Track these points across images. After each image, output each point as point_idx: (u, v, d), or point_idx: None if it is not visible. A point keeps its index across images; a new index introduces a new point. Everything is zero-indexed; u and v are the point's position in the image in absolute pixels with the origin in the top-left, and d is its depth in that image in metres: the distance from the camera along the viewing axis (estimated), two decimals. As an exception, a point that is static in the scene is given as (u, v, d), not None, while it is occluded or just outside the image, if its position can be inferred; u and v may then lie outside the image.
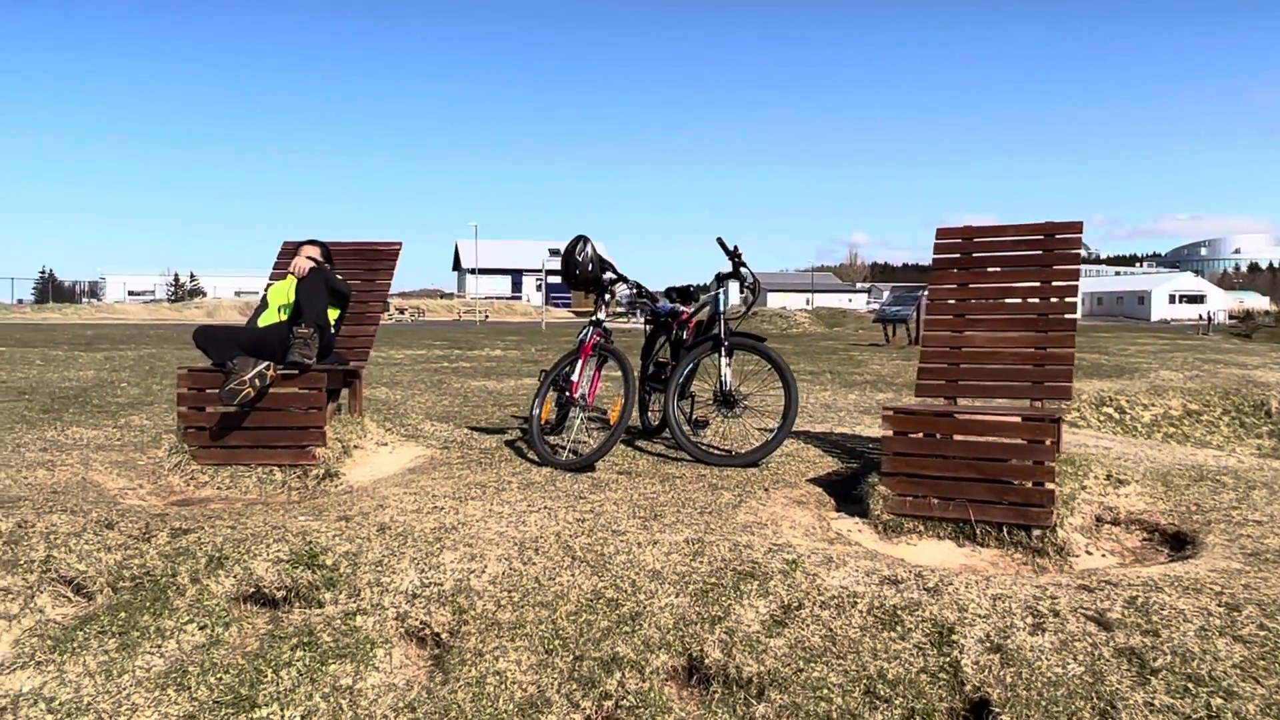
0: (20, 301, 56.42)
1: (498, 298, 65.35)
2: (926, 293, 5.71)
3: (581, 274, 5.26)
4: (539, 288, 73.00)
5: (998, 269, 5.11)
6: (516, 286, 74.59)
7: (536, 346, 16.71)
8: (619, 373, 5.18)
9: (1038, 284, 4.95)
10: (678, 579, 3.53)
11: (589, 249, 5.27)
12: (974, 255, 5.18)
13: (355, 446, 5.16)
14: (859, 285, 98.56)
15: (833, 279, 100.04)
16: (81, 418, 6.34)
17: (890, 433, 4.42)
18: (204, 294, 73.66)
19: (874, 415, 7.50)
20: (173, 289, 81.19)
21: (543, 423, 5.26)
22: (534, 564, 3.67)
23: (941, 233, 5.31)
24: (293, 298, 5.24)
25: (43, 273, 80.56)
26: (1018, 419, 4.26)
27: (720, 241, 5.33)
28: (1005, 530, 4.19)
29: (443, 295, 68.83)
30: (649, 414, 5.98)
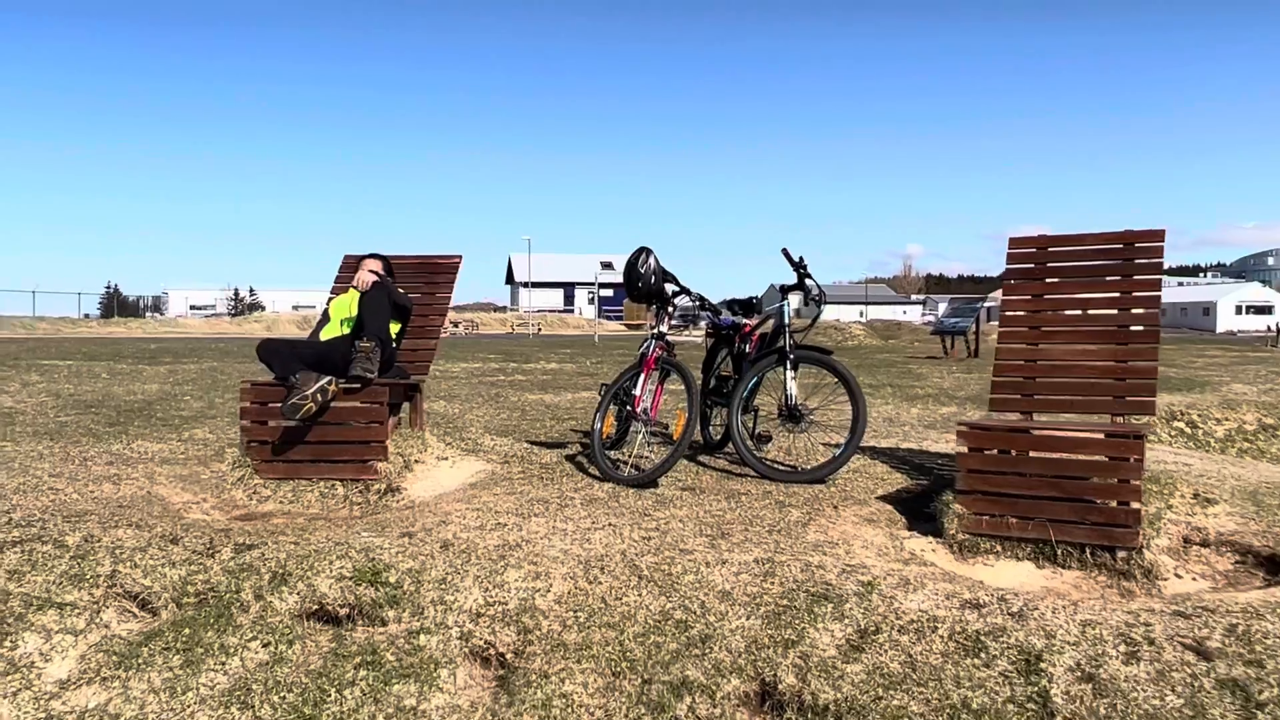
0: (87, 316, 57.80)
1: (550, 311, 65.64)
2: (987, 304, 5.54)
3: (644, 286, 5.17)
4: (591, 300, 73.33)
5: (1075, 279, 4.93)
6: (569, 299, 74.93)
7: (591, 359, 16.68)
8: (681, 386, 5.09)
9: (1117, 294, 4.77)
10: (748, 600, 3.42)
11: (651, 261, 5.18)
12: (1049, 265, 5.02)
13: (416, 461, 5.12)
14: (914, 297, 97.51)
15: (887, 291, 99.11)
16: (146, 431, 6.39)
17: (965, 449, 4.27)
18: (262, 308, 75.00)
19: (939, 430, 7.32)
20: (232, 303, 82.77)
21: (604, 437, 5.18)
22: (600, 583, 3.58)
23: (1014, 242, 5.15)
24: (355, 311, 5.23)
25: (108, 288, 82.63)
26: (1100, 435, 4.09)
27: (785, 252, 5.22)
28: (1088, 551, 4.01)
29: (496, 308, 69.32)
30: (710, 428, 5.88)
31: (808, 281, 5.31)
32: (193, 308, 78.92)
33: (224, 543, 3.88)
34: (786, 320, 5.26)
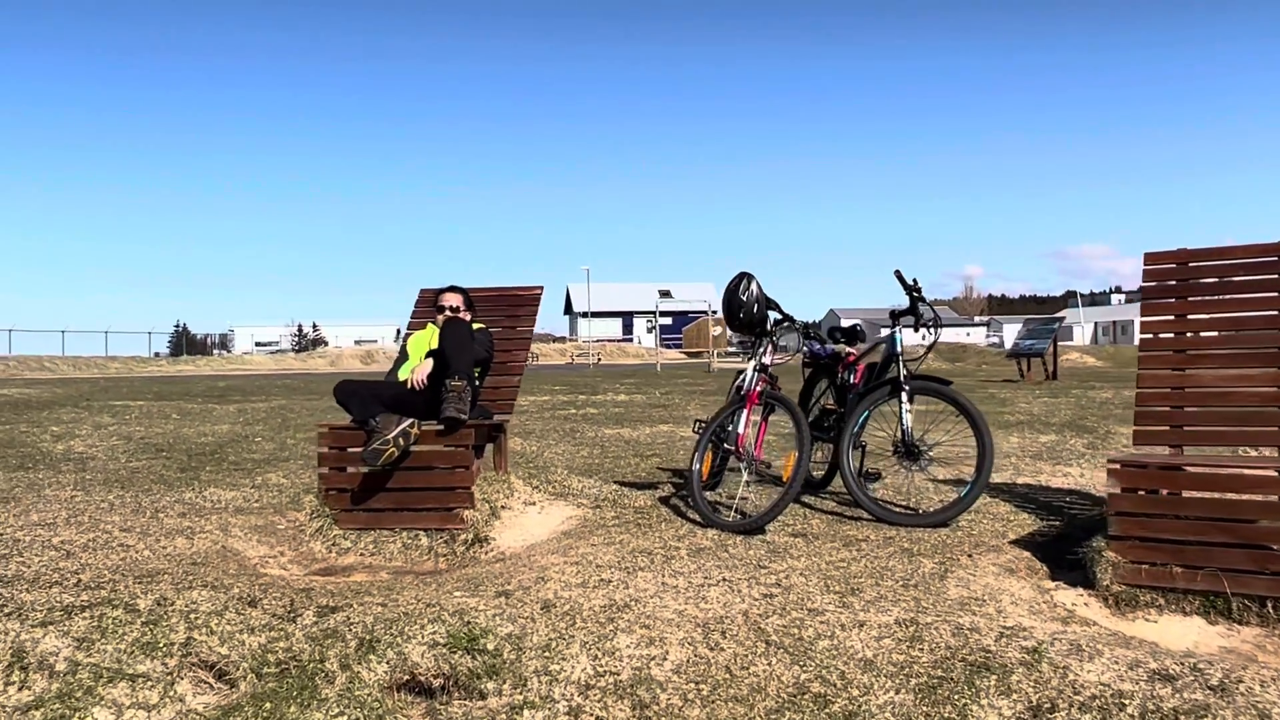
0: (157, 354, 59.01)
1: (609, 340, 65.53)
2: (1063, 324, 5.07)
3: (746, 315, 4.80)
4: (650, 329, 73.06)
5: (1224, 296, 4.46)
6: (627, 329, 74.78)
7: (659, 390, 16.31)
8: (783, 420, 4.71)
9: (1276, 312, 4.28)
10: (895, 670, 3.00)
11: (754, 287, 4.81)
12: (1191, 282, 4.54)
13: (503, 507, 4.78)
14: (977, 319, 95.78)
15: (949, 313, 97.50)
16: (218, 477, 6.15)
17: (1118, 489, 3.81)
18: (325, 343, 75.97)
19: (1048, 461, 6.83)
20: (296, 339, 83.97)
21: (703, 479, 4.80)
22: (722, 649, 3.18)
23: (1150, 258, 4.68)
24: (434, 347, 4.92)
25: (177, 327, 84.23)
26: (1274, 472, 3.60)
27: (898, 275, 4.82)
28: (1270, 606, 3.53)
29: (555, 339, 69.37)
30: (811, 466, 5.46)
31: (921, 306, 4.90)
32: (258, 344, 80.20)
33: (306, 605, 3.56)
34: (899, 348, 4.84)
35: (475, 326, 5.02)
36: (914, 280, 4.83)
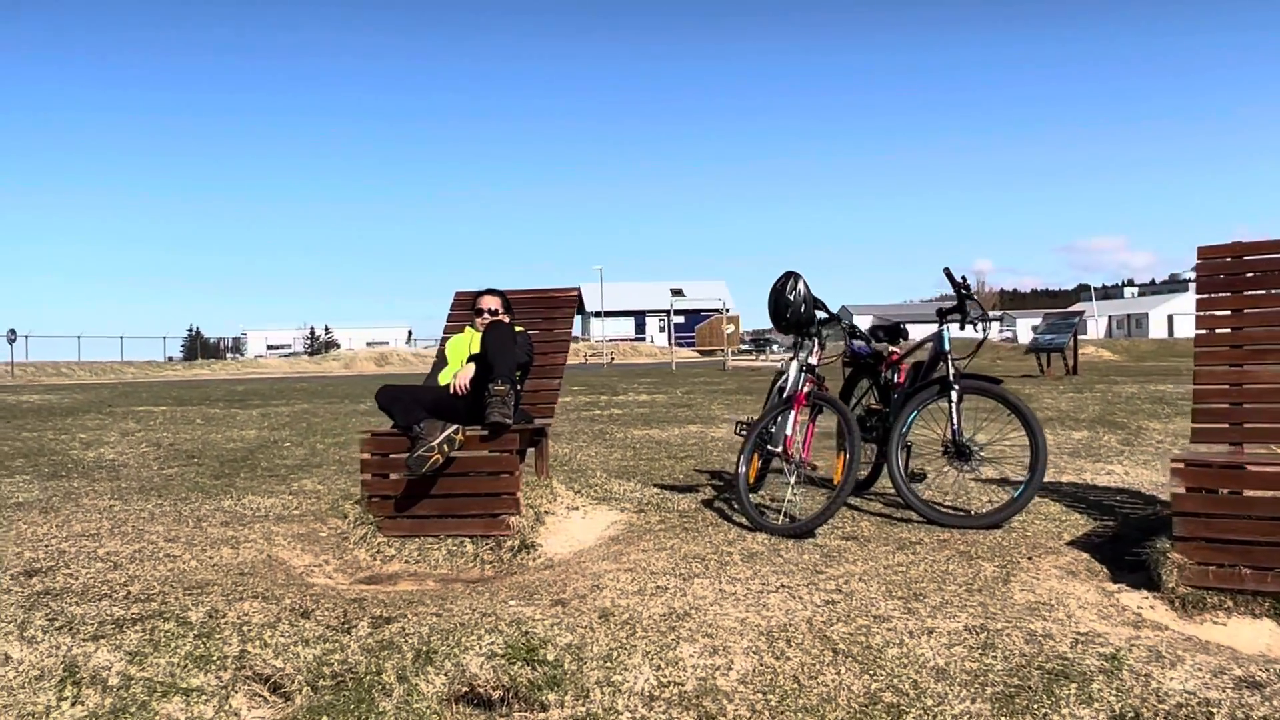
0: (171, 359, 59.15)
1: (622, 339, 65.46)
2: (1079, 319, 4.98)
3: (793, 315, 4.72)
4: (662, 328, 72.94)
5: (1284, 290, 4.36)
6: (640, 328, 74.65)
7: (680, 390, 16.23)
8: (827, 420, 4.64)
9: (1338, 306, 4.19)
10: (969, 679, 2.93)
11: (801, 287, 4.73)
12: (1249, 275, 4.45)
13: (546, 512, 4.72)
14: (990, 314, 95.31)
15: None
16: (253, 484, 6.10)
17: (1182, 489, 3.72)
18: (338, 346, 76.05)
19: (1087, 459, 6.73)
20: (309, 342, 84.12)
21: (749, 482, 4.73)
22: (788, 659, 3.11)
23: (1205, 251, 4.59)
24: (474, 350, 4.86)
25: (190, 331, 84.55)
26: (1346, 470, 3.52)
27: (947, 272, 4.74)
28: (1344, 607, 3.44)
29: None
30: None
31: (969, 303, 4.82)
32: (270, 347, 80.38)
33: (359, 616, 3.50)
34: (947, 346, 4.76)
35: (515, 330, 4.96)
36: (963, 278, 4.75)
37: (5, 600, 3.62)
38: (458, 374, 4.74)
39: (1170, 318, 75.97)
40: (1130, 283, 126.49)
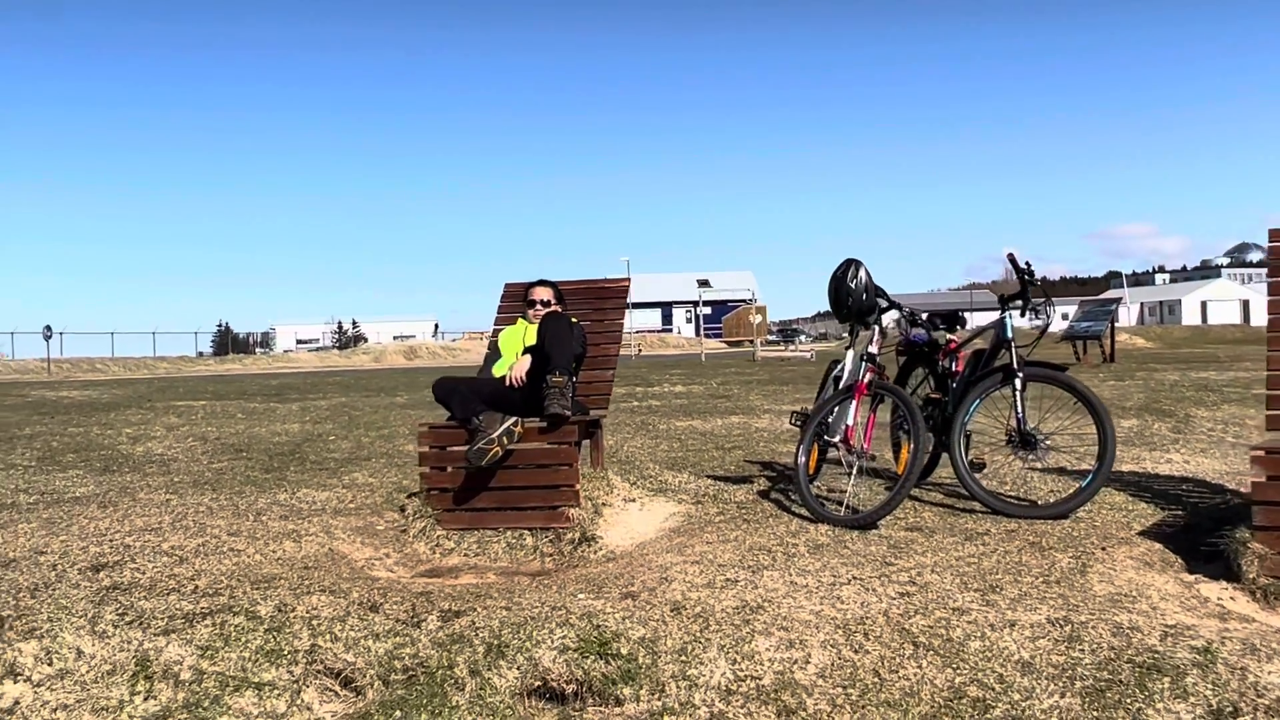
0: (201, 354, 59.60)
1: (649, 331, 65.36)
2: (1117, 307, 4.87)
3: (854, 303, 4.65)
4: (689, 320, 72.78)
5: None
6: (666, 319, 74.55)
7: (715, 380, 16.16)
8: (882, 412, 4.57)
9: None
10: (1056, 672, 2.87)
11: (862, 275, 4.66)
12: (1323, 259, 4.33)
13: (604, 504, 4.68)
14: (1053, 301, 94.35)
15: (990, 296, 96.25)
16: (305, 477, 6.11)
17: (1263, 478, 3.63)
18: (365, 340, 76.40)
19: (1142, 447, 6.62)
20: (337, 336, 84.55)
21: (809, 473, 4.67)
22: (867, 652, 3.06)
23: (1276, 234, 4.47)
24: (529, 343, 4.83)
25: (220, 326, 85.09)
26: None
27: (1011, 258, 4.65)
28: None
29: (594, 331, 68.95)
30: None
31: (1032, 289, 4.73)
32: (299, 342, 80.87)
33: (428, 609, 3.47)
34: (1009, 334, 4.68)
35: (571, 320, 4.92)
36: (1026, 263, 4.66)
37: (75, 595, 3.62)
38: (514, 366, 4.70)
39: (1204, 304, 75.01)
40: (1161, 269, 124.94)
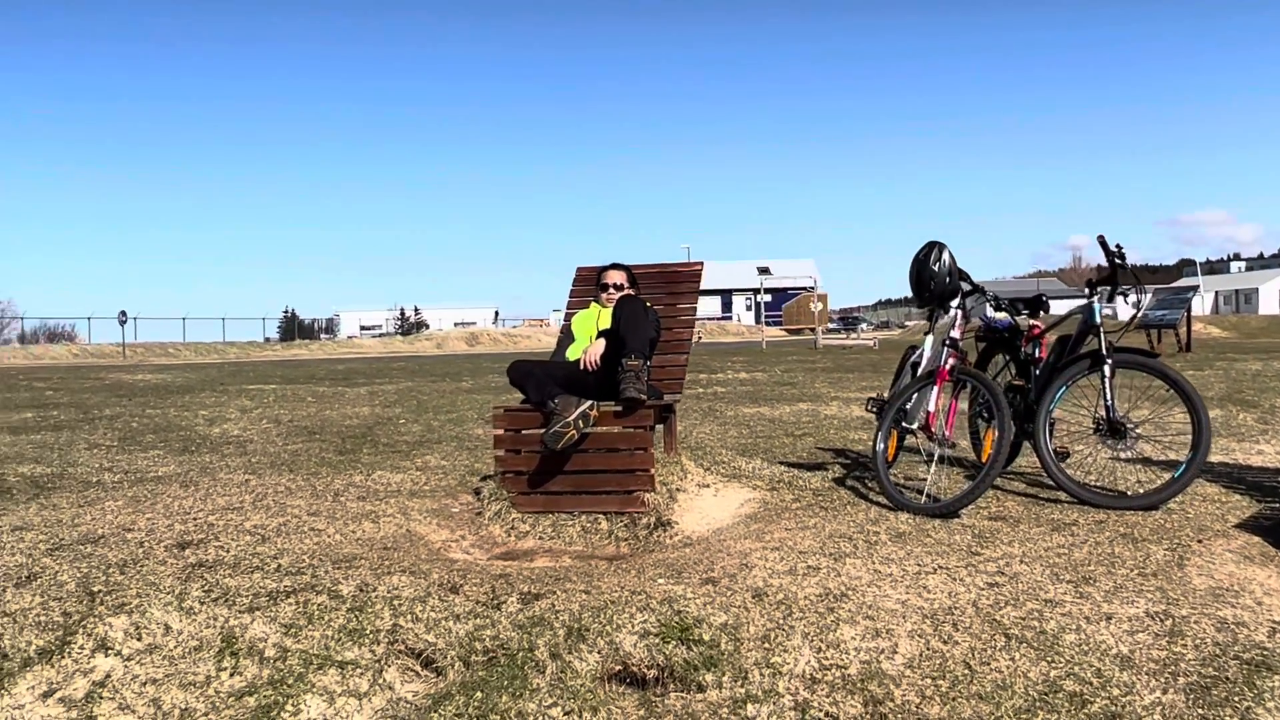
0: (269, 339, 60.79)
1: (709, 318, 65.17)
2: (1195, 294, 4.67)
3: (938, 286, 4.54)
4: (749, 307, 72.46)
5: None
6: (726, 306, 74.28)
7: (779, 367, 16.05)
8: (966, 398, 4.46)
9: None
10: (1158, 668, 2.76)
11: (946, 257, 4.55)
12: None
13: (678, 489, 4.64)
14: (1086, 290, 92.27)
15: (1058, 284, 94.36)
16: (378, 459, 6.17)
17: (1373, 470, 3.48)
18: (427, 326, 77.28)
19: (1230, 437, 6.41)
20: (399, 323, 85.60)
21: (888, 460, 4.58)
22: (957, 643, 2.98)
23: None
24: (603, 326, 4.80)
25: (286, 312, 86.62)
26: None
27: (1101, 240, 4.50)
28: None
29: (654, 318, 68.90)
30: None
31: (1122, 274, 4.58)
32: (362, 328, 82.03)
33: (508, 592, 3.47)
34: (1098, 319, 4.54)
35: (645, 304, 4.88)
36: (1117, 246, 4.51)
37: (162, 571, 3.69)
38: (588, 349, 4.68)
39: (1282, 293, 72.69)
40: (1236, 257, 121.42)
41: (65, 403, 11.45)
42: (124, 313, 41.46)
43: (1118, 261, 4.54)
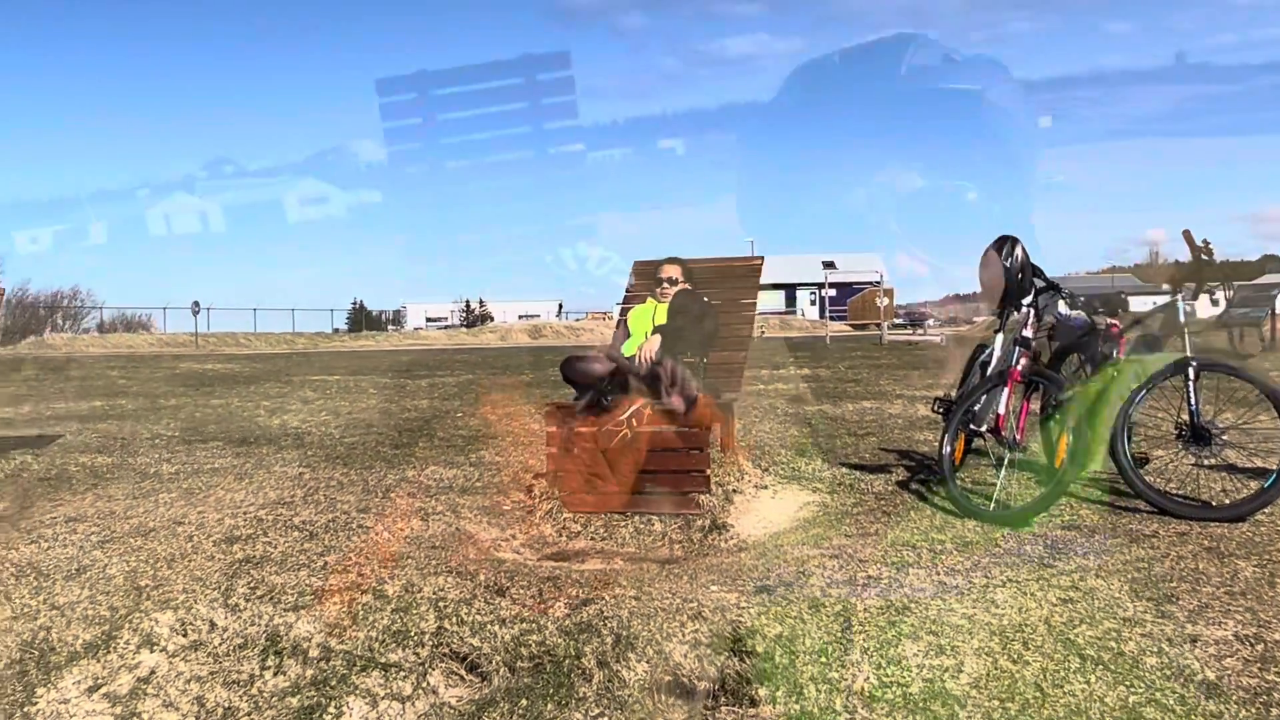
0: (336, 330, 61.69)
1: (773, 313, 64.58)
2: None
3: (1010, 284, 4.34)
4: (813, 301, 71.62)
5: None
6: (790, 301, 73.52)
7: (843, 364, 15.76)
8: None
9: None
10: (1248, 697, 2.56)
11: (1019, 252, 4.35)
12: None
13: (735, 491, 4.51)
14: (1165, 286, 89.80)
15: (1134, 280, 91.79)
16: (432, 454, 6.12)
17: None
18: (492, 319, 77.79)
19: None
20: (464, 315, 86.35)
21: (955, 464, 4.39)
22: (1027, 663, 2.81)
23: None
24: (659, 322, 4.68)
25: (354, 304, 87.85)
26: None
27: (1186, 235, 4.26)
28: None
29: (717, 312, 68.52)
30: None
31: (1208, 272, 4.32)
32: (428, 320, 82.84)
33: (555, 595, 3.37)
34: (1182, 319, 4.29)
35: (702, 300, 4.75)
36: (1204, 241, 4.26)
37: (209, 567, 3.66)
38: (643, 346, 4.56)
39: (1373, 290, 69.89)
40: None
41: (134, 391, 11.68)
42: (197, 303, 42.30)
43: (1204, 258, 4.29)
